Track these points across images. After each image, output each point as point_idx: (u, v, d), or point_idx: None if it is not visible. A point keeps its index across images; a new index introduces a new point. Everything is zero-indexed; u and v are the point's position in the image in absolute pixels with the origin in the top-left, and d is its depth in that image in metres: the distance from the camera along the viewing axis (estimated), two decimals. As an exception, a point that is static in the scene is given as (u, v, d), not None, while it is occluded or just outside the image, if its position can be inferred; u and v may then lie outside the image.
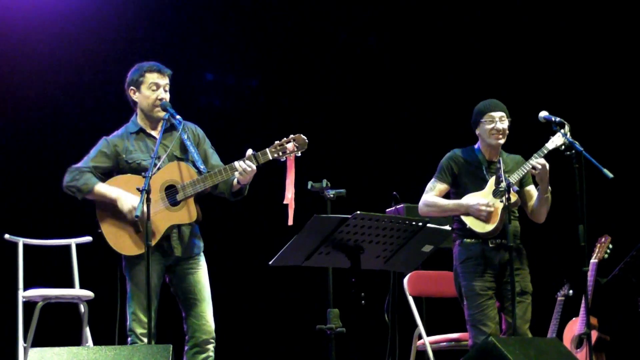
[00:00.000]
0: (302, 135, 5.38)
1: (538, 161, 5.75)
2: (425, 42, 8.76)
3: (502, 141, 5.92)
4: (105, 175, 5.43)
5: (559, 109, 5.97)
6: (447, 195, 5.96)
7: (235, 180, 5.40)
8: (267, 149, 5.35)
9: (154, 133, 5.51)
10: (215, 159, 5.56)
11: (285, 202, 5.32)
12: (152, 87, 5.48)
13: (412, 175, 7.15)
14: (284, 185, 5.32)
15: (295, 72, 8.70)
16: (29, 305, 6.45)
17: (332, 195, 5.42)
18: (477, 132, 5.96)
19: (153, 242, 5.19)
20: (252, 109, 8.61)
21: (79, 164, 5.43)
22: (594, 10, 8.43)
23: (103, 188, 5.34)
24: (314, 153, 5.49)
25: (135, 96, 5.53)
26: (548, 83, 8.46)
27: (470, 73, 8.58)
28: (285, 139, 5.36)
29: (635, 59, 8.38)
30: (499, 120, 5.86)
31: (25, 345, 6.41)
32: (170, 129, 5.48)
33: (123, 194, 5.29)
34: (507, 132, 5.92)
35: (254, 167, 5.31)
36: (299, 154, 5.36)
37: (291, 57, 8.71)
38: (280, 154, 5.34)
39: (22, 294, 6.47)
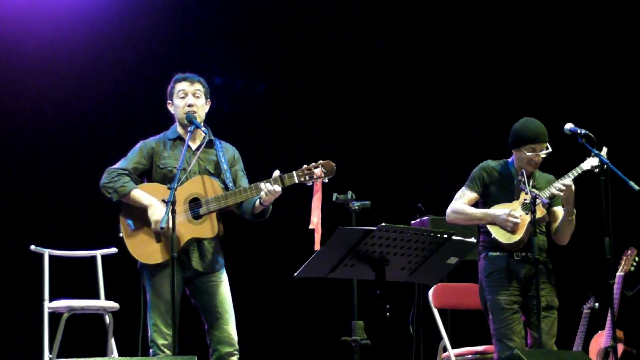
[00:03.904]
0: (330, 162, 5.36)
1: (564, 182, 5.70)
2: (450, 50, 8.70)
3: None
4: (141, 177, 5.47)
5: (583, 120, 5.92)
6: (475, 206, 5.92)
7: (257, 202, 5.39)
8: (294, 172, 5.34)
9: (192, 144, 5.52)
10: (244, 182, 5.56)
11: (311, 226, 5.31)
12: (180, 95, 5.54)
13: (437, 187, 7.17)
14: (311, 209, 5.31)
15: (308, 77, 8.68)
16: (55, 316, 6.46)
17: (356, 207, 5.38)
18: (514, 153, 5.90)
19: (175, 253, 5.15)
20: (260, 113, 8.60)
21: (117, 166, 5.46)
22: (622, 13, 8.37)
23: (138, 194, 5.36)
24: (338, 164, 5.46)
25: (171, 108, 5.61)
26: (572, 92, 8.40)
27: (502, 85, 8.51)
28: (313, 163, 5.36)
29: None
30: (539, 152, 5.79)
31: (50, 356, 6.41)
32: (209, 144, 5.52)
33: (156, 202, 5.31)
34: None
35: (279, 189, 5.30)
36: (326, 181, 5.35)
37: (304, 61, 8.69)
38: (307, 178, 5.33)
39: (48, 305, 6.47)
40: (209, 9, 8.46)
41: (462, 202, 5.88)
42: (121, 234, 5.40)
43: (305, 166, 5.36)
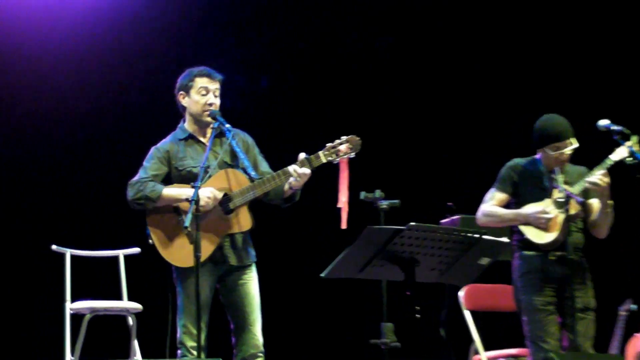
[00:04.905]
0: (355, 136, 5.30)
1: (596, 177, 5.58)
2: (478, 46, 8.66)
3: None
4: (164, 183, 5.39)
5: (617, 115, 5.85)
6: (507, 206, 5.84)
7: (287, 186, 5.34)
8: (320, 152, 5.28)
9: (203, 140, 5.47)
10: (264, 165, 5.51)
11: (339, 205, 5.25)
12: (202, 92, 5.45)
13: (468, 184, 7.16)
14: (337, 188, 5.25)
15: (333, 70, 8.64)
16: (77, 317, 6.43)
17: (385, 206, 5.40)
18: (539, 152, 5.82)
19: (208, 253, 5.19)
20: (264, 109, 8.56)
21: (138, 177, 5.38)
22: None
23: (171, 190, 5.30)
24: (366, 162, 5.44)
25: (185, 101, 5.50)
26: (606, 87, 8.31)
27: (531, 81, 8.45)
28: (337, 140, 5.30)
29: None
30: (564, 150, 5.69)
31: (72, 358, 6.37)
32: (219, 135, 5.43)
33: (194, 193, 5.15)
34: None
35: (309, 171, 5.25)
36: (353, 156, 5.28)
37: (329, 52, 8.67)
38: (334, 156, 5.27)
39: (70, 306, 6.44)
40: (209, 5, 8.45)
41: (492, 203, 5.82)
42: (151, 241, 5.33)
43: (329, 144, 5.29)
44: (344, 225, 5.17)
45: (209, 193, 5.20)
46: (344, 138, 5.29)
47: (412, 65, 8.72)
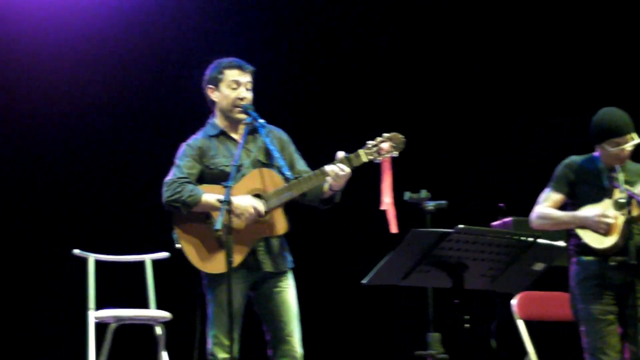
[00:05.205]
0: (397, 133, 5.12)
1: None
2: (529, 42, 8.54)
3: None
4: (198, 182, 5.22)
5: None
6: (563, 207, 5.71)
7: (326, 186, 5.15)
8: (360, 151, 5.09)
9: (235, 136, 5.27)
10: (301, 164, 5.32)
11: (382, 207, 5.08)
12: (232, 85, 5.24)
13: (520, 184, 7.02)
14: (380, 189, 5.09)
15: (379, 64, 8.54)
16: (101, 326, 6.40)
17: (431, 207, 5.38)
18: (597, 149, 5.67)
19: (241, 258, 5.02)
20: (299, 103, 8.45)
21: (173, 176, 5.19)
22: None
23: (211, 197, 5.07)
24: (411, 160, 5.35)
25: (214, 95, 5.29)
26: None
27: (591, 72, 8.32)
28: (379, 138, 5.10)
29: None
30: (625, 146, 5.55)
31: (96, 370, 6.44)
32: (253, 132, 5.23)
33: (236, 199, 4.98)
34: None
35: (348, 170, 5.04)
36: (396, 155, 5.10)
37: (376, 44, 8.56)
38: (376, 155, 5.08)
39: (94, 315, 6.39)
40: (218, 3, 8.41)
41: (547, 205, 5.69)
42: (178, 245, 5.15)
43: (370, 142, 5.10)
44: (393, 229, 5.01)
45: (251, 208, 5.01)
46: (386, 135, 5.11)
47: (465, 57, 8.64)
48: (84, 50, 7.90)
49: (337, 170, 5.01)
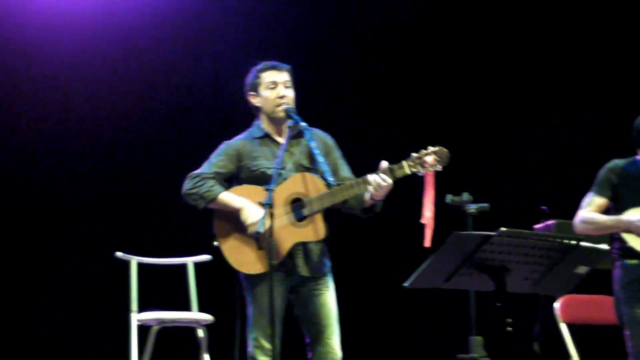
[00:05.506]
0: (443, 148, 5.05)
1: None
2: (571, 46, 8.52)
3: None
4: (227, 182, 5.23)
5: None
6: (606, 211, 5.67)
7: (367, 195, 5.09)
8: (404, 162, 5.03)
9: (279, 139, 5.26)
10: (346, 170, 5.29)
11: (422, 221, 5.03)
12: (270, 86, 5.25)
13: (564, 186, 7.03)
14: (422, 202, 5.04)
15: (419, 66, 8.55)
16: (143, 329, 6.40)
17: (473, 210, 5.38)
18: (639, 153, 5.66)
19: (277, 261, 4.96)
20: (344, 108, 8.46)
21: (200, 170, 5.22)
22: None
23: (228, 197, 5.10)
24: (453, 163, 5.20)
25: (256, 100, 5.31)
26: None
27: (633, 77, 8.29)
28: (424, 151, 5.04)
29: None
30: None
31: (139, 372, 6.44)
32: (297, 135, 5.23)
33: (248, 204, 5.04)
34: None
35: (390, 181, 5.00)
36: (440, 169, 5.04)
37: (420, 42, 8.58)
38: (419, 168, 5.03)
39: (136, 317, 6.39)
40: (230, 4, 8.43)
41: (591, 209, 5.66)
42: (216, 243, 5.16)
43: (415, 154, 5.04)
44: (427, 244, 4.97)
45: (254, 218, 4.99)
46: (431, 149, 5.05)
47: (508, 59, 8.65)
48: (117, 47, 8.01)
49: (380, 180, 4.97)
